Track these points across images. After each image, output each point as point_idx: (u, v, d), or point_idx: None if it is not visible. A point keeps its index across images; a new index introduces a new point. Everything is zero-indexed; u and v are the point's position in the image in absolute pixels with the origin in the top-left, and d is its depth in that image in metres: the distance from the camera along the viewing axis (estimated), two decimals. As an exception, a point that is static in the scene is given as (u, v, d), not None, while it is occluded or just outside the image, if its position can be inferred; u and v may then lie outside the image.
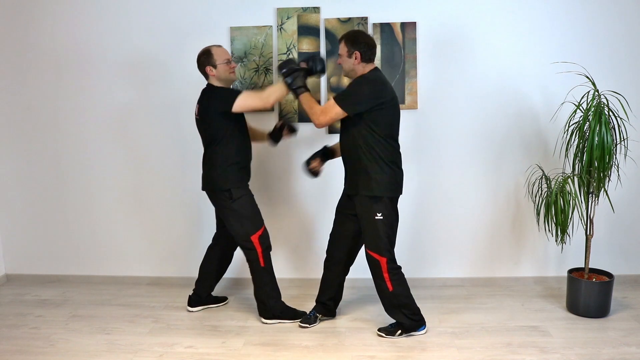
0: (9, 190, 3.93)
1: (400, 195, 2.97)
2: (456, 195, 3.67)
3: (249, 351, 2.86)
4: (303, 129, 3.65)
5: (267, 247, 3.13)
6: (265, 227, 3.15)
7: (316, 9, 3.55)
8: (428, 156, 3.65)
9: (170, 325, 3.20)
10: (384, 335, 2.97)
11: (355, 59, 2.85)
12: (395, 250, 2.96)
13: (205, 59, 3.05)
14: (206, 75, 3.09)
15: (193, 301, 3.41)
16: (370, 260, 2.93)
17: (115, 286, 3.85)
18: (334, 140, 3.39)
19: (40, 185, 3.88)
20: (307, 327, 3.12)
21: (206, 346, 2.93)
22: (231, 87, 3.20)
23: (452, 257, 3.74)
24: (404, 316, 2.95)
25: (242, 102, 2.94)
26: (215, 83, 3.08)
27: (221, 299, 3.51)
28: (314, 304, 3.24)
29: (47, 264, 3.97)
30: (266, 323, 3.18)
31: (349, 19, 3.54)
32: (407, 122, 3.60)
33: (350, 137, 2.88)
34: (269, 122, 3.60)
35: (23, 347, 2.95)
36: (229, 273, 3.83)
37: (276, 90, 2.97)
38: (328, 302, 3.19)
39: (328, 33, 3.56)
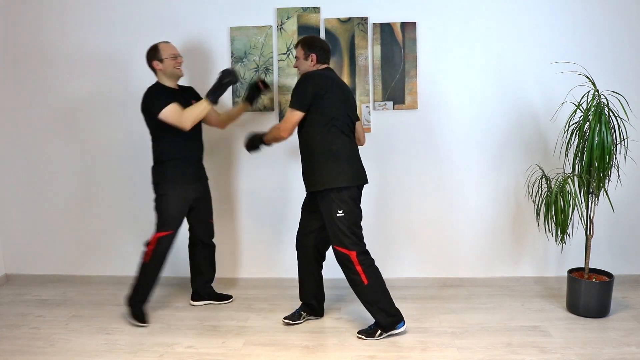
0: (8, 190, 3.93)
1: (364, 187, 3.01)
2: (456, 195, 3.67)
3: (249, 351, 2.86)
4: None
5: (161, 250, 3.15)
6: (175, 235, 3.17)
7: (316, 9, 3.55)
8: (428, 156, 3.65)
9: (170, 325, 3.20)
10: (364, 337, 2.95)
11: (312, 61, 2.95)
12: (395, 250, 2.96)
13: (152, 54, 3.12)
14: (154, 71, 3.15)
15: (194, 295, 3.49)
16: (339, 256, 2.91)
17: (115, 286, 3.85)
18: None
19: (40, 185, 3.89)
20: (290, 324, 3.13)
21: (206, 346, 2.93)
22: (176, 86, 3.21)
23: (451, 257, 3.74)
24: (382, 312, 2.92)
25: (165, 116, 2.99)
26: (162, 78, 3.15)
27: (225, 297, 3.52)
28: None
29: (47, 264, 3.97)
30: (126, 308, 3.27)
31: (349, 19, 3.54)
32: (407, 122, 3.60)
33: (302, 135, 2.95)
34: (269, 121, 3.62)
35: (23, 347, 2.95)
36: (230, 272, 3.84)
37: (197, 109, 3.02)
38: (311, 302, 3.19)
39: (328, 33, 3.56)
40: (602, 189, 3.11)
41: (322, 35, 3.56)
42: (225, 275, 3.84)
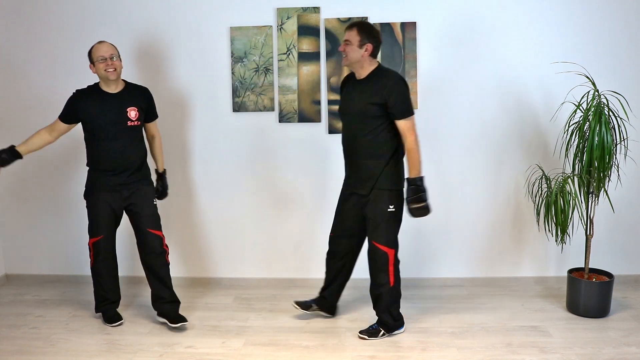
0: (8, 190, 3.93)
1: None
2: (456, 195, 3.67)
3: (249, 351, 2.86)
4: (301, 128, 3.65)
5: (101, 254, 3.14)
6: (107, 239, 3.13)
7: (316, 9, 3.55)
8: (428, 156, 3.61)
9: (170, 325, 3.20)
10: (366, 337, 2.95)
11: (366, 50, 2.82)
12: (395, 250, 2.97)
13: (89, 56, 3.04)
14: None
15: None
16: (377, 254, 2.90)
17: (115, 286, 3.85)
18: (335, 140, 3.41)
19: (40, 185, 3.88)
20: (298, 309, 3.16)
21: (206, 346, 2.93)
22: (119, 88, 3.07)
23: (452, 257, 3.74)
24: (390, 315, 2.96)
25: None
26: (100, 82, 3.09)
27: (179, 320, 3.11)
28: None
29: (47, 264, 3.97)
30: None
31: (349, 19, 3.54)
32: (407, 122, 3.60)
33: (370, 138, 2.85)
34: (269, 121, 3.63)
35: (23, 347, 2.95)
36: (230, 272, 3.84)
37: (34, 143, 3.13)
38: (329, 298, 3.21)
39: (328, 33, 3.56)
40: (602, 189, 3.11)
41: (322, 35, 3.56)
42: (225, 275, 3.84)
